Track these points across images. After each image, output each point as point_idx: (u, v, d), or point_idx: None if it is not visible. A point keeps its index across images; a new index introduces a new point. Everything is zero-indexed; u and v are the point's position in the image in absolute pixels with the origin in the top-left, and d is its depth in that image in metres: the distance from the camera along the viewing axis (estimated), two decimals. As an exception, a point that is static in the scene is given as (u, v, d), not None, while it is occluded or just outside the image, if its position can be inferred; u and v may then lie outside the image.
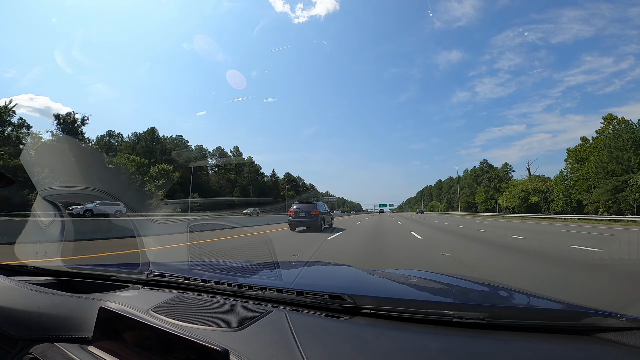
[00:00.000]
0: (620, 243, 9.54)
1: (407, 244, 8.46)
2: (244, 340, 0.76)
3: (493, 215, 51.47)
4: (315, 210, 12.42)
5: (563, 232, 13.86)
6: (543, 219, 36.93)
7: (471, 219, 35.45)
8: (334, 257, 6.16)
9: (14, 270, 1.40)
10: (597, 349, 0.71)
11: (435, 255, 6.43)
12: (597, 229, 16.51)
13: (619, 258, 6.52)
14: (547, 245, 8.55)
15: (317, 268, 1.95)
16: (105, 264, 1.73)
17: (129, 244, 6.77)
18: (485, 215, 52.44)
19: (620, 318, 0.75)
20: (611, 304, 2.81)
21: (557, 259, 6.22)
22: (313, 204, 12.92)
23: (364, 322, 0.87)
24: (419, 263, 5.55)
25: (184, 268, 1.51)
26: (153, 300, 1.04)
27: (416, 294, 1.26)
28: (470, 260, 5.83)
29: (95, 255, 5.57)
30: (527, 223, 25.05)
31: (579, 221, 29.51)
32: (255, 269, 1.70)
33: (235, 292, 1.09)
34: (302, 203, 13.06)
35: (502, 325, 0.81)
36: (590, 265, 5.54)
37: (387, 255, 6.52)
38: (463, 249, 7.58)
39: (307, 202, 13.13)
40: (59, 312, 0.97)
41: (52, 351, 0.86)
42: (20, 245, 2.09)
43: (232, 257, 5.75)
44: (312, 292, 0.99)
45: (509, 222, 27.75)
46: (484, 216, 49.99)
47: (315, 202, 13.32)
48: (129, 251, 6.10)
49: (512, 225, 19.92)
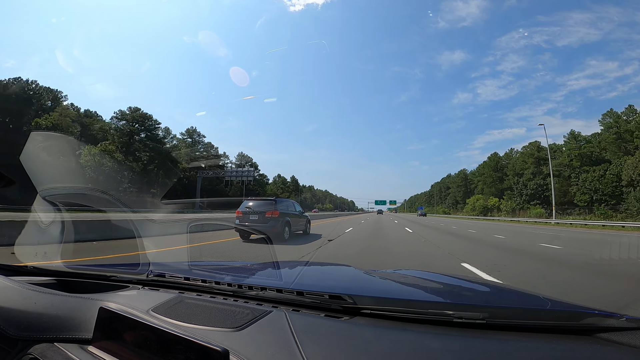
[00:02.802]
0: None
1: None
2: (244, 341, 0.76)
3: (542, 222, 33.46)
4: (273, 210, 8.60)
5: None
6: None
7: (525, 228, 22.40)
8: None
9: (13, 270, 1.40)
10: (597, 349, 0.71)
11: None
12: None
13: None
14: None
15: (317, 268, 1.95)
16: (105, 264, 1.73)
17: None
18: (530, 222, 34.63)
19: (620, 318, 0.75)
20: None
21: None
22: (271, 201, 9.19)
23: (364, 322, 0.87)
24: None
25: (184, 268, 1.51)
26: (153, 300, 1.04)
27: (416, 294, 1.26)
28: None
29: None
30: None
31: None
32: (256, 269, 1.70)
33: (235, 292, 1.09)
34: (256, 200, 9.25)
35: (502, 325, 0.81)
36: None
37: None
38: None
39: (263, 199, 9.44)
40: (58, 312, 0.96)
41: (52, 351, 0.86)
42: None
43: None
44: (312, 292, 0.99)
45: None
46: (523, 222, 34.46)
47: (275, 199, 9.59)
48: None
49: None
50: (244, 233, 8.46)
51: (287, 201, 10.62)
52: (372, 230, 14.55)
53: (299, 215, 10.45)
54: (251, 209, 8.79)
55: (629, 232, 18.32)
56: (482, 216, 55.78)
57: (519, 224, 30.57)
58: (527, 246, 9.31)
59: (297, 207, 10.67)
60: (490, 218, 50.58)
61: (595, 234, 16.22)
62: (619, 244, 10.22)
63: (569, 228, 24.32)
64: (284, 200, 10.40)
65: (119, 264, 1.71)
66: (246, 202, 9.18)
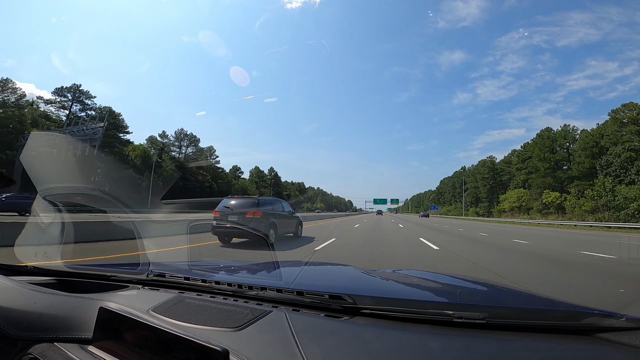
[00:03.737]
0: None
1: None
2: (244, 340, 0.76)
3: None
4: (255, 210, 7.64)
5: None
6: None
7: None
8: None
9: (14, 270, 1.40)
10: (597, 349, 0.71)
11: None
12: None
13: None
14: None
15: (317, 268, 1.95)
16: (105, 264, 1.73)
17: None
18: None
19: (620, 318, 0.75)
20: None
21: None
22: (253, 199, 8.13)
23: (364, 322, 0.87)
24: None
25: (184, 268, 1.51)
26: (153, 300, 1.04)
27: (416, 294, 1.26)
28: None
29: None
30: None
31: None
32: (255, 269, 1.70)
33: (235, 292, 1.09)
34: (236, 199, 8.27)
35: (502, 325, 0.81)
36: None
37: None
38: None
39: (245, 198, 8.42)
40: (59, 312, 0.97)
41: (52, 351, 0.86)
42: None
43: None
44: (312, 292, 0.99)
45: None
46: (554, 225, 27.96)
47: (259, 197, 8.44)
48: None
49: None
50: (222, 236, 7.57)
51: (275, 200, 9.71)
52: (365, 244, 8.88)
53: (287, 216, 9.51)
54: (230, 209, 7.84)
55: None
56: (529, 218, 37.85)
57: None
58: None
59: (286, 207, 9.71)
60: (554, 222, 31.15)
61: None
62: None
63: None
64: (270, 200, 9.57)
65: (119, 263, 1.71)
66: (226, 200, 8.17)
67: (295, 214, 10.58)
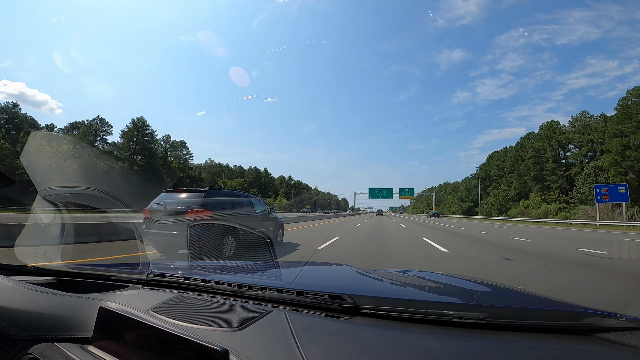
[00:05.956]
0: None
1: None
2: (243, 340, 0.76)
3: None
4: (199, 209, 5.38)
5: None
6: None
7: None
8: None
9: (14, 270, 1.40)
10: (597, 349, 0.71)
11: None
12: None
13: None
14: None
15: (317, 268, 1.95)
16: (105, 264, 1.74)
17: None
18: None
19: (620, 318, 0.75)
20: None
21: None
22: (199, 193, 5.72)
23: (364, 322, 0.87)
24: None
25: (184, 268, 1.51)
26: (153, 300, 1.04)
27: (416, 294, 1.26)
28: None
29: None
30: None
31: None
32: (255, 269, 1.70)
33: (235, 292, 1.09)
34: (175, 192, 5.92)
35: (502, 325, 0.81)
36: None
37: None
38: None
39: (187, 191, 5.97)
40: (58, 312, 0.97)
41: (52, 351, 0.86)
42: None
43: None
44: (312, 292, 0.99)
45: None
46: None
47: (207, 189, 5.84)
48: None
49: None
50: (161, 245, 5.21)
51: (237, 195, 7.32)
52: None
53: (259, 217, 7.02)
54: (165, 208, 5.46)
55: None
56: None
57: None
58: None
59: (257, 204, 7.24)
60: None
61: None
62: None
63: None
64: (229, 193, 7.15)
65: (119, 263, 1.71)
66: (163, 195, 5.82)
67: (274, 213, 8.22)
